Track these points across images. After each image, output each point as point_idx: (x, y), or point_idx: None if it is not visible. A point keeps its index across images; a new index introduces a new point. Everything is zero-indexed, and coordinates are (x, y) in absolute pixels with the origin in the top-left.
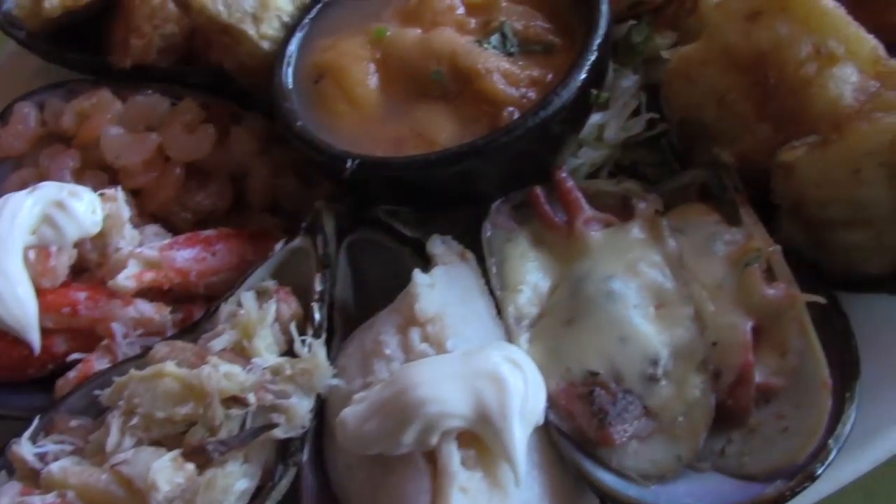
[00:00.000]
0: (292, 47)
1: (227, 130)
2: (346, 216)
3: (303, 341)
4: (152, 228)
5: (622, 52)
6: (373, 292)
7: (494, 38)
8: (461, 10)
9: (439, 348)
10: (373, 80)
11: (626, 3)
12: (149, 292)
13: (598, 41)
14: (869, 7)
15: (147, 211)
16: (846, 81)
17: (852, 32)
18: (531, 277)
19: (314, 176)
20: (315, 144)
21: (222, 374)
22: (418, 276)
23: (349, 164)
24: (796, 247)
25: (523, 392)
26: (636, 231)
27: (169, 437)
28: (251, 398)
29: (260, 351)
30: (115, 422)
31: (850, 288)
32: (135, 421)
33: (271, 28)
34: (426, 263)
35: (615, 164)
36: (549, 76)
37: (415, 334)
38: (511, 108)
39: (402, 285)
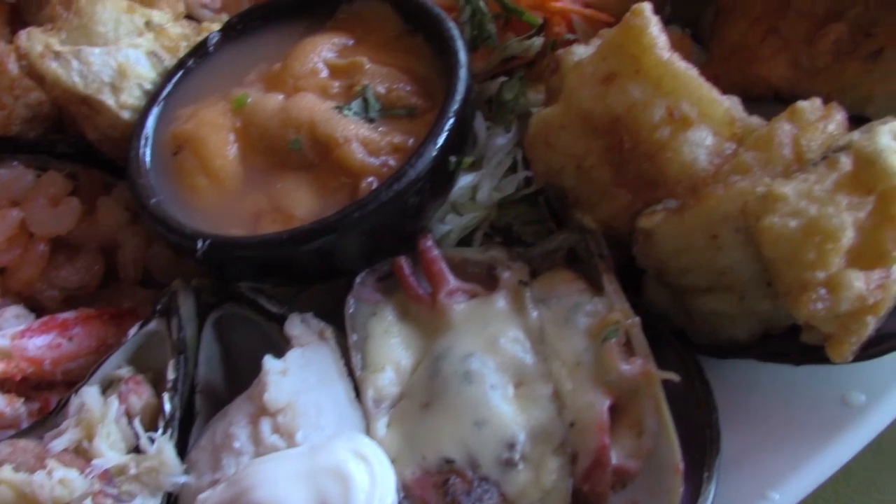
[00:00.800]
0: (150, 118)
1: (97, 201)
2: (212, 291)
3: (150, 438)
4: (13, 311)
5: (495, 109)
6: (245, 370)
7: (356, 104)
8: (325, 74)
9: (290, 440)
10: (232, 151)
11: (497, 58)
12: (4, 382)
13: (454, 107)
14: (735, 60)
15: (12, 290)
16: (700, 145)
17: (705, 95)
18: (394, 354)
19: None
20: (167, 223)
21: (57, 480)
22: (269, 362)
23: (200, 244)
24: (663, 312)
25: (369, 488)
26: (501, 302)
27: None
28: None
29: (101, 451)
30: None
31: (718, 353)
32: None
33: (132, 97)
34: None
35: (491, 225)
36: (411, 141)
37: (265, 425)
38: (371, 178)
39: None
